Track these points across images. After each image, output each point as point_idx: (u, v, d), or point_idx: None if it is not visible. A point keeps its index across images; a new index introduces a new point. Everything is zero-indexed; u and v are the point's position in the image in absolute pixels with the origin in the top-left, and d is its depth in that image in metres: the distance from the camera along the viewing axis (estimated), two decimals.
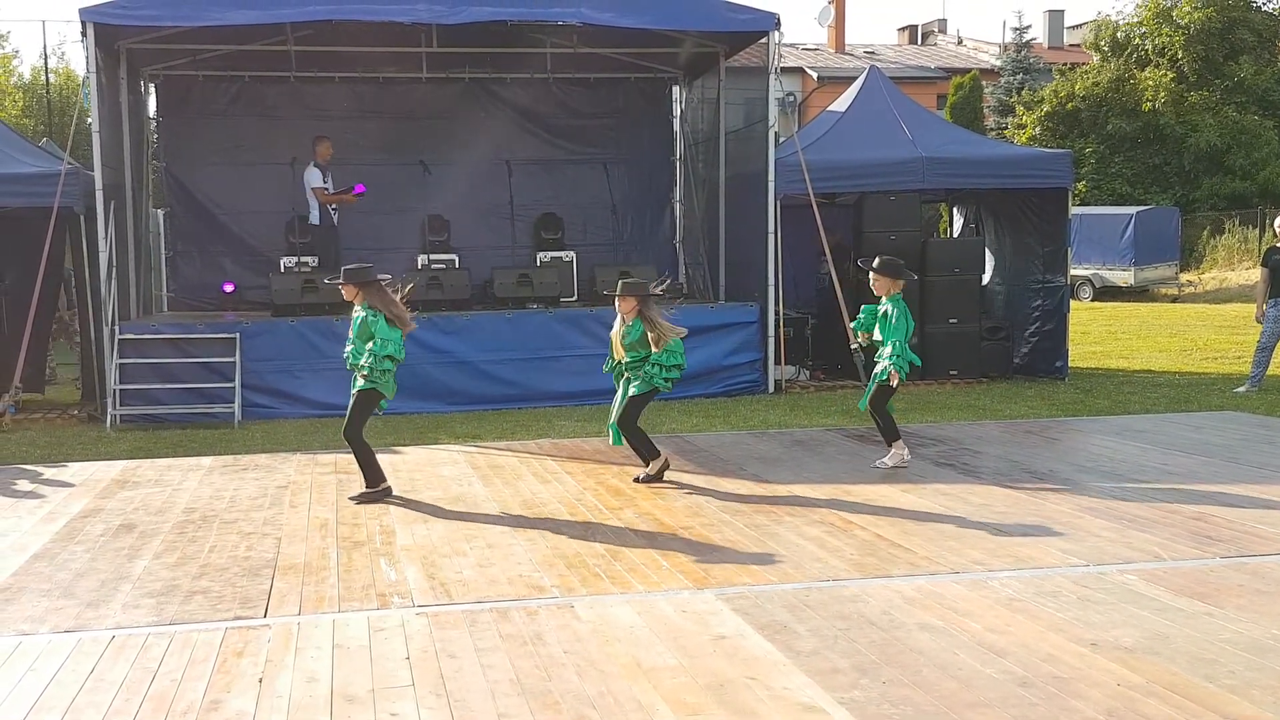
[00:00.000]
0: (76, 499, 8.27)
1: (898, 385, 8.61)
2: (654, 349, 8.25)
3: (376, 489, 8.07)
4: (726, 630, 5.28)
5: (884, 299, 8.73)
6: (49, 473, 9.31)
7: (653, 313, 8.29)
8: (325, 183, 13.88)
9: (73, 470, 9.40)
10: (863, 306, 9.03)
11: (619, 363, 8.52)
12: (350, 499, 8.05)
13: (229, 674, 4.88)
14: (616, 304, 8.46)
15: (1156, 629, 5.21)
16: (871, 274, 8.86)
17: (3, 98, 31.70)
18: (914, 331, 8.87)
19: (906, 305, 8.73)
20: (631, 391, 8.38)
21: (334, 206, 14.01)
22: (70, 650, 5.18)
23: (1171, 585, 5.85)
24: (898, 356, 8.53)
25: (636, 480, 8.48)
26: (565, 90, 16.41)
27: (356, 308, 8.02)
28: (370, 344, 7.83)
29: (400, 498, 8.12)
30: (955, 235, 16.76)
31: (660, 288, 8.78)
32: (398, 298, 8.11)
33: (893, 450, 8.88)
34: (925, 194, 15.10)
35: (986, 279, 15.51)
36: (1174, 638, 5.10)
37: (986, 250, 15.40)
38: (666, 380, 8.33)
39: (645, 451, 8.51)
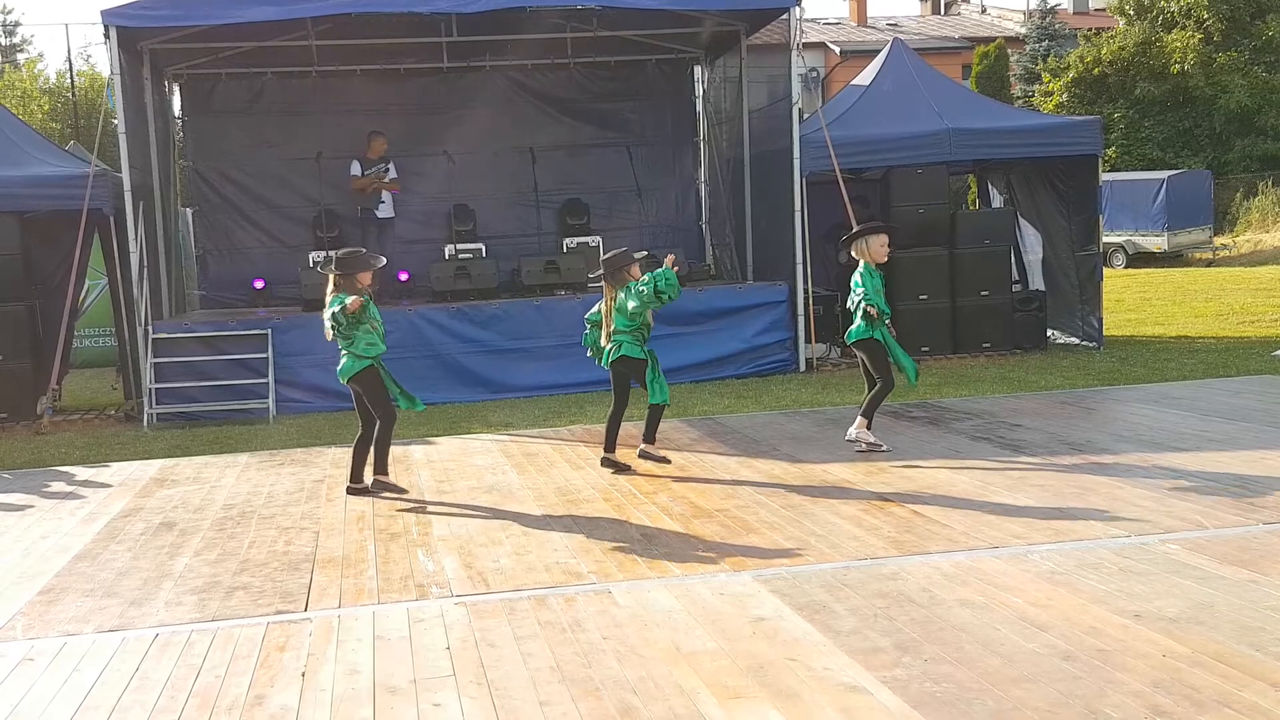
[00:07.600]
0: (116, 499, 8.36)
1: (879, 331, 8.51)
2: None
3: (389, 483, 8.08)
4: (765, 612, 5.27)
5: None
6: (88, 473, 9.40)
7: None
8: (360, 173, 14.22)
9: (112, 470, 9.49)
10: None
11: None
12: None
13: (272, 669, 4.91)
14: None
15: (1200, 598, 5.16)
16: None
17: (29, 102, 31.94)
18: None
19: (874, 276, 8.57)
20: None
21: (371, 200, 14.18)
22: (115, 649, 5.24)
23: (1214, 554, 5.78)
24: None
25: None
26: (586, 75, 16.37)
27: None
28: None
29: (406, 498, 8.15)
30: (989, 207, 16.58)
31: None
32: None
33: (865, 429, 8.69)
34: (953, 166, 14.95)
35: (1040, 254, 15.31)
36: (1218, 607, 5.04)
37: (1024, 221, 15.23)
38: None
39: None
